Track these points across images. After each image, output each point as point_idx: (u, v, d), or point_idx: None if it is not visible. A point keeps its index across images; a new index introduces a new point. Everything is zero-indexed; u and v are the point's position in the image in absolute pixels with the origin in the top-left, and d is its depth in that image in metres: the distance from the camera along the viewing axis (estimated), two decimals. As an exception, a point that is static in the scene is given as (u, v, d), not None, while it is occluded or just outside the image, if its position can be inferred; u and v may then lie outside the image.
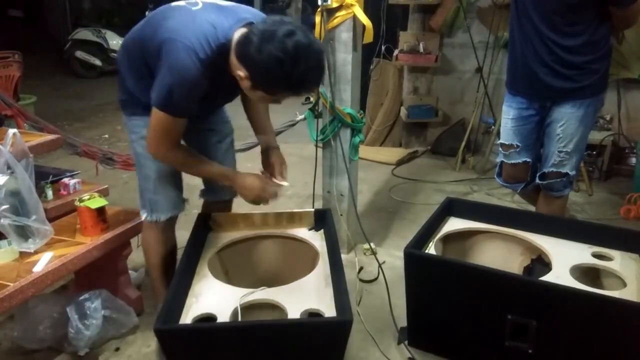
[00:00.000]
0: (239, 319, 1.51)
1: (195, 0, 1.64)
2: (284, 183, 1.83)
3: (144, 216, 1.89)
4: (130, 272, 2.24)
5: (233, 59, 1.52)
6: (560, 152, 2.23)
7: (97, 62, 7.56)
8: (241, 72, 1.49)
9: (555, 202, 2.36)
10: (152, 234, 1.92)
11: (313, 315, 1.53)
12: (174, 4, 1.66)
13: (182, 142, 1.73)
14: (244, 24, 1.55)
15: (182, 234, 2.11)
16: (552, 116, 2.24)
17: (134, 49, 1.69)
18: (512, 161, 2.40)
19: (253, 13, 1.66)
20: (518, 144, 2.35)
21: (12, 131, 1.81)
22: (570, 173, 2.26)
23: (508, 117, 2.37)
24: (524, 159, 2.37)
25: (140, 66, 1.66)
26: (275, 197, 1.80)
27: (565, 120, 2.19)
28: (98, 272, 2.04)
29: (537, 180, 2.36)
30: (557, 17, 2.08)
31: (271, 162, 1.91)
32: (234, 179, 1.77)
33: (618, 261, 1.86)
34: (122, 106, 1.81)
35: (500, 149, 2.46)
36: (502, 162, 2.47)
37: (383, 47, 4.28)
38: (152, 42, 1.57)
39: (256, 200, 1.78)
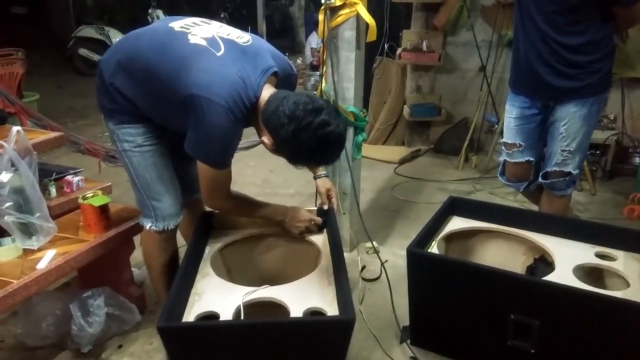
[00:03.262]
0: (242, 317, 1.51)
1: (213, 36, 1.58)
2: (325, 206, 1.99)
3: (148, 225, 1.83)
4: (133, 269, 2.24)
5: (260, 121, 1.53)
6: (563, 151, 2.23)
7: (100, 60, 7.57)
8: (266, 139, 1.52)
9: (558, 202, 2.36)
10: (156, 244, 1.88)
11: (315, 314, 1.52)
12: (192, 40, 1.56)
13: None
14: (269, 76, 1.57)
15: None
16: (555, 115, 2.23)
17: (138, 71, 1.61)
18: (515, 160, 2.40)
19: (273, 53, 1.66)
20: (521, 142, 2.35)
21: (15, 128, 1.81)
22: (573, 172, 2.26)
23: (511, 116, 2.37)
24: (527, 158, 2.37)
25: (148, 88, 1.61)
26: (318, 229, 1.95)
27: (569, 119, 2.19)
28: (101, 270, 2.05)
29: (540, 180, 2.36)
30: (559, 17, 2.07)
31: (319, 191, 2.01)
32: (286, 214, 1.87)
33: (621, 261, 1.85)
34: (108, 115, 1.72)
35: (503, 147, 2.46)
36: (505, 160, 2.47)
37: (386, 46, 4.27)
38: (172, 85, 1.52)
39: (304, 231, 1.93)
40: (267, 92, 1.54)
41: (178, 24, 1.64)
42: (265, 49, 1.64)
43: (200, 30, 1.61)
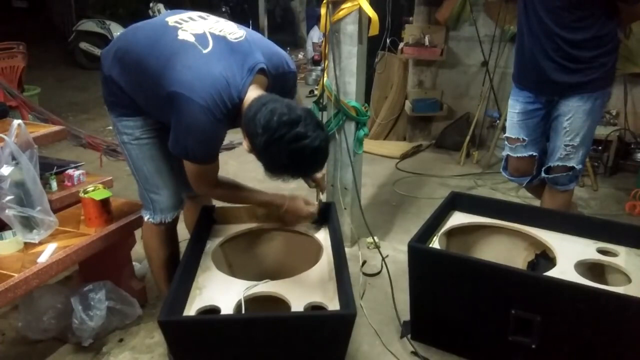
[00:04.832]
0: (243, 311, 1.51)
1: (204, 32, 1.55)
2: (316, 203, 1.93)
3: (146, 217, 1.85)
4: (134, 263, 2.25)
5: (243, 124, 1.48)
6: (566, 145, 2.22)
7: (101, 54, 7.55)
8: (245, 144, 1.47)
9: (561, 197, 2.35)
10: (155, 237, 1.89)
11: (316, 309, 1.52)
12: (181, 35, 1.54)
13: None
14: (256, 74, 1.52)
15: (185, 227, 2.11)
16: (559, 110, 2.23)
17: (131, 64, 1.61)
18: (518, 155, 2.40)
19: (265, 49, 1.60)
20: (524, 137, 2.35)
21: (16, 122, 1.81)
22: (576, 167, 2.25)
23: (514, 111, 2.36)
24: (530, 153, 2.37)
25: (139, 81, 1.61)
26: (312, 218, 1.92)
27: (572, 114, 2.18)
28: (102, 264, 2.05)
29: (543, 174, 2.35)
30: (564, 12, 2.06)
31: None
32: (282, 204, 1.83)
33: (623, 257, 1.85)
34: (109, 107, 1.74)
35: (506, 142, 2.46)
36: (508, 155, 2.46)
37: (388, 40, 4.26)
38: (158, 81, 1.51)
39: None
40: (253, 93, 1.49)
41: (173, 18, 1.63)
42: (257, 45, 1.59)
43: (192, 26, 1.58)
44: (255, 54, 1.55)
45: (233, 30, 1.60)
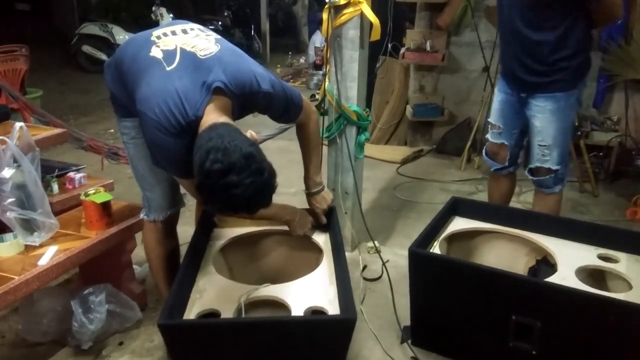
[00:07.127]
0: (243, 315, 1.51)
1: (175, 48, 1.55)
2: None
3: (142, 215, 1.92)
4: (134, 266, 2.25)
5: None
6: (540, 146, 2.26)
7: (104, 57, 7.55)
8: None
9: (549, 199, 2.36)
10: (152, 235, 1.93)
11: (316, 313, 1.52)
12: (153, 52, 1.55)
13: None
14: (213, 93, 1.47)
15: (187, 230, 2.11)
16: (530, 109, 2.27)
17: (121, 75, 1.65)
18: (494, 140, 2.48)
19: (231, 66, 1.52)
20: (500, 125, 2.42)
21: (18, 124, 1.82)
22: (556, 169, 2.26)
23: (497, 98, 2.45)
24: (502, 141, 2.44)
25: (127, 93, 1.64)
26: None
27: (540, 114, 2.23)
28: (102, 266, 2.05)
29: (528, 176, 2.37)
30: (531, 12, 2.10)
31: (313, 210, 1.97)
32: (294, 214, 1.88)
33: (624, 263, 1.85)
34: (113, 107, 1.82)
35: (489, 126, 2.54)
36: (487, 138, 2.54)
37: (389, 45, 4.26)
38: (132, 96, 1.55)
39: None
40: (210, 117, 1.44)
41: (158, 32, 1.65)
42: (222, 63, 1.52)
43: (167, 41, 1.59)
44: (216, 71, 1.49)
45: (206, 46, 1.57)
